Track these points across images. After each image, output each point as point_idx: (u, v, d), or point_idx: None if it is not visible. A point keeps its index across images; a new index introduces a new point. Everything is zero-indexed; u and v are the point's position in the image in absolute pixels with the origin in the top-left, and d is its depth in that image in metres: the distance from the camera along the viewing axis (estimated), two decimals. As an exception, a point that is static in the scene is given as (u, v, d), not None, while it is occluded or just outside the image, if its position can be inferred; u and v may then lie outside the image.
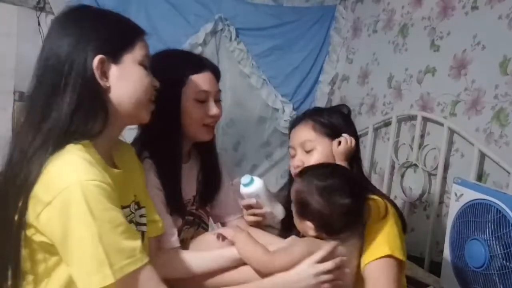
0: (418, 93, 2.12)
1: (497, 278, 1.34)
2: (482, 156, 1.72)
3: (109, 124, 0.91)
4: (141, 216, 1.06)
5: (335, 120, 1.23)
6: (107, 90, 0.90)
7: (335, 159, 1.19)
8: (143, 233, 1.04)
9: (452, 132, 1.88)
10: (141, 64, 0.94)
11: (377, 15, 2.50)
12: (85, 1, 2.26)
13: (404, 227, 1.16)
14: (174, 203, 1.20)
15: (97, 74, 0.88)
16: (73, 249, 0.79)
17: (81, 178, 0.79)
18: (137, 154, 1.15)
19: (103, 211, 0.80)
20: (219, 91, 1.25)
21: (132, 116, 0.96)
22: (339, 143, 1.20)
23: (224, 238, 1.14)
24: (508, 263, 1.31)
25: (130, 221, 0.98)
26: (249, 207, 1.25)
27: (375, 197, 1.14)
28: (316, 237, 1.06)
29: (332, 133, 1.21)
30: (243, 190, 1.22)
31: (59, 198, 0.78)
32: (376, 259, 1.04)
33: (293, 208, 1.09)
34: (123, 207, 0.96)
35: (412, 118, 2.13)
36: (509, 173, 1.58)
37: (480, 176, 1.73)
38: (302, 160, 1.21)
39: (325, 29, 2.81)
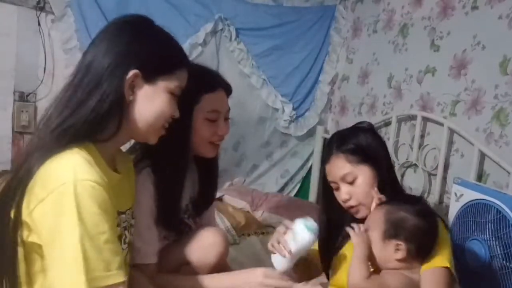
0: (418, 93, 2.12)
1: (497, 278, 1.34)
2: (482, 156, 1.72)
3: (119, 134, 0.92)
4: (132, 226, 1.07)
5: (363, 142, 1.22)
6: (129, 103, 0.92)
7: (377, 181, 1.19)
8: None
9: (452, 132, 1.88)
10: (171, 93, 0.96)
11: (377, 15, 2.50)
12: (83, 1, 2.27)
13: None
14: (169, 215, 1.20)
15: (126, 85, 0.89)
16: (56, 247, 0.78)
17: (77, 177, 0.79)
18: (137, 160, 1.16)
19: (92, 214, 0.79)
20: (229, 109, 1.26)
21: (141, 135, 0.97)
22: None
23: None
24: (508, 263, 1.31)
25: (125, 228, 0.98)
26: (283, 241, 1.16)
27: None
28: (401, 260, 1.06)
29: (366, 157, 1.20)
30: (305, 231, 1.11)
31: (53, 195, 0.78)
32: (432, 267, 1.07)
33: (377, 233, 1.07)
34: (120, 213, 0.96)
35: (412, 118, 2.13)
36: (509, 173, 1.58)
37: (480, 176, 1.73)
38: (349, 192, 1.20)
39: (325, 29, 2.81)
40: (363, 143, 1.22)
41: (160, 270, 1.19)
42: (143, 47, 0.92)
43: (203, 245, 1.20)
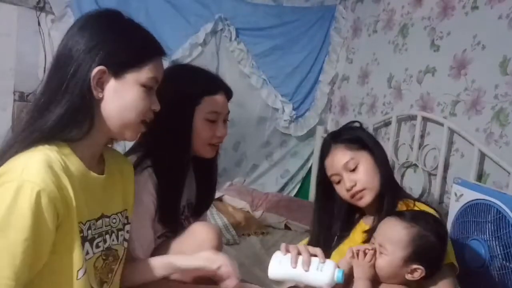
0: (418, 93, 2.12)
1: (497, 278, 1.34)
2: (482, 156, 1.72)
3: (94, 132, 0.90)
4: (128, 231, 1.05)
5: (358, 133, 1.27)
6: (99, 101, 0.90)
7: (379, 167, 1.21)
8: (125, 249, 1.04)
9: (452, 132, 1.88)
10: (144, 85, 0.92)
11: (377, 15, 2.50)
12: (83, 1, 2.27)
13: None
14: (169, 214, 1.21)
15: (92, 82, 0.87)
16: None
17: (23, 177, 0.78)
18: (138, 160, 1.16)
19: (20, 217, 0.76)
20: (229, 112, 1.28)
21: (116, 132, 0.94)
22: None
23: None
24: (508, 263, 1.31)
25: (107, 232, 0.97)
26: None
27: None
28: (418, 281, 1.05)
29: (364, 145, 1.23)
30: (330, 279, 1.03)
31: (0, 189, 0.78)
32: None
33: (398, 252, 1.03)
34: (104, 216, 0.95)
35: (412, 118, 2.13)
36: (509, 173, 1.58)
37: (480, 176, 1.73)
38: (353, 179, 1.20)
39: (325, 29, 2.81)
40: (359, 134, 1.27)
41: None
42: (106, 41, 0.89)
43: (197, 241, 1.20)
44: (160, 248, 1.22)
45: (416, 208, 1.17)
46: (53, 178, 0.80)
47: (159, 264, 1.09)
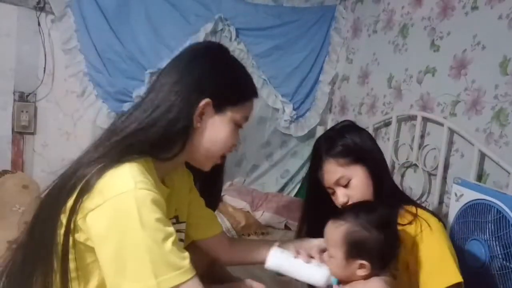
0: (418, 93, 2.12)
1: (497, 278, 1.34)
2: (482, 156, 1.72)
3: (179, 157, 0.94)
4: (178, 231, 1.06)
5: (349, 142, 1.19)
6: (195, 130, 0.94)
7: (373, 179, 1.17)
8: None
9: (452, 132, 1.88)
10: (237, 123, 0.98)
11: (377, 15, 2.50)
12: (83, 1, 2.27)
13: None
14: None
15: (196, 112, 0.92)
16: (116, 254, 0.78)
17: (137, 186, 0.80)
18: None
19: (155, 221, 0.79)
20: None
21: (199, 160, 1.00)
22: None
23: None
24: (508, 263, 1.31)
25: None
26: None
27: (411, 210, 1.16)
28: (367, 276, 1.03)
29: (356, 156, 1.17)
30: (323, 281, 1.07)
31: (111, 202, 0.78)
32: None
33: (338, 252, 1.03)
34: None
35: (412, 118, 2.13)
36: (509, 173, 1.58)
37: (480, 176, 1.73)
38: (346, 195, 1.17)
39: (325, 29, 2.81)
40: (350, 143, 1.19)
41: None
42: (217, 76, 0.95)
43: (196, 244, 1.20)
44: None
45: (421, 216, 1.13)
46: (151, 183, 0.83)
47: None
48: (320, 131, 2.81)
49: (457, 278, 1.04)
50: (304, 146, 2.95)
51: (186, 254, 0.82)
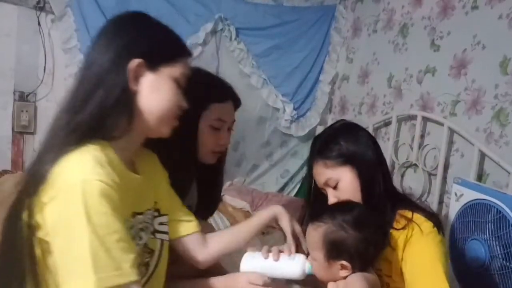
0: (418, 93, 2.12)
1: (497, 278, 1.35)
2: (482, 156, 1.72)
3: (131, 130, 0.91)
4: (161, 223, 1.04)
5: (340, 144, 1.17)
6: (136, 95, 0.91)
7: (361, 182, 1.14)
8: (162, 241, 1.03)
9: (452, 132, 1.88)
10: (176, 81, 0.95)
11: (377, 15, 2.50)
12: (83, 1, 2.27)
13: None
14: None
15: (130, 75, 0.88)
16: (62, 248, 0.77)
17: (86, 177, 0.78)
18: None
19: (101, 214, 0.77)
20: (234, 121, 1.28)
21: (153, 128, 0.95)
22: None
23: None
24: (508, 263, 1.31)
25: (142, 229, 0.96)
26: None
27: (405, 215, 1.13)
28: (348, 276, 1.02)
29: (345, 159, 1.15)
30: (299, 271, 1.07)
31: (61, 195, 0.77)
32: None
33: (319, 254, 1.03)
34: (137, 213, 0.95)
35: (412, 118, 2.13)
36: (509, 173, 1.58)
37: (480, 176, 1.73)
38: (335, 196, 1.17)
39: (325, 29, 2.81)
40: (342, 145, 1.17)
41: None
42: (143, 37, 0.93)
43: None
44: None
45: (415, 221, 1.11)
46: (106, 173, 0.81)
47: None
48: (320, 131, 2.81)
49: (443, 285, 1.02)
50: (304, 146, 2.95)
51: (131, 256, 0.79)
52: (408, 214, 1.13)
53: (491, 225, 1.38)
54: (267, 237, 2.26)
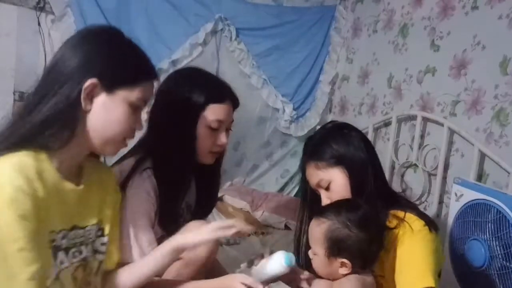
0: (418, 93, 2.12)
1: (497, 278, 1.34)
2: (482, 156, 1.72)
3: (73, 144, 0.90)
4: (102, 244, 1.03)
5: (331, 145, 1.17)
6: (85, 113, 0.90)
7: (351, 182, 1.15)
8: (100, 262, 1.02)
9: (452, 132, 1.88)
10: (132, 105, 0.93)
11: (377, 15, 2.50)
12: (83, 1, 2.27)
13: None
14: (168, 218, 1.20)
15: (83, 93, 0.87)
16: None
17: (1, 181, 0.78)
18: (137, 162, 1.15)
19: (5, 220, 0.77)
20: (232, 121, 1.27)
21: (97, 146, 0.95)
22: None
23: None
24: (508, 263, 1.31)
25: (81, 243, 0.96)
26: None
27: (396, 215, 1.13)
28: (347, 274, 1.03)
29: (335, 160, 1.16)
30: (282, 265, 1.08)
31: None
32: None
33: (320, 250, 1.04)
34: (76, 227, 0.94)
35: (412, 118, 2.13)
36: (509, 173, 1.58)
37: (480, 176, 1.73)
38: (328, 197, 1.17)
39: (325, 29, 2.81)
40: (333, 147, 1.17)
41: None
42: (103, 56, 0.90)
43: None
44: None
45: (406, 220, 1.11)
46: (24, 181, 0.80)
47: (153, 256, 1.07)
48: (319, 131, 2.81)
49: (427, 280, 1.02)
50: (304, 146, 2.95)
51: (32, 268, 0.78)
52: (401, 214, 1.14)
53: (491, 225, 1.38)
54: (267, 237, 2.26)
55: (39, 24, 2.24)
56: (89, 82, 0.87)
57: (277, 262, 1.06)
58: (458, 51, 1.90)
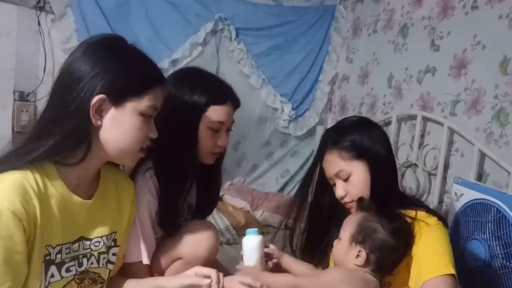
0: (418, 93, 2.12)
1: (497, 278, 1.35)
2: (482, 156, 1.72)
3: (91, 158, 0.91)
4: (114, 254, 1.05)
5: (357, 137, 1.17)
6: (97, 128, 0.90)
7: (372, 179, 1.15)
8: (109, 271, 1.04)
9: (452, 132, 1.88)
10: (143, 114, 0.93)
11: (377, 15, 2.50)
12: (83, 1, 2.27)
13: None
14: (169, 219, 1.21)
15: (91, 110, 0.88)
16: None
17: None
18: (140, 161, 1.15)
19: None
20: (233, 122, 1.28)
21: (115, 158, 0.96)
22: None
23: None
24: (508, 263, 1.31)
25: (84, 256, 0.97)
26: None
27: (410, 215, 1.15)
28: (359, 266, 1.05)
29: (360, 153, 1.16)
30: (247, 241, 1.19)
31: None
32: (437, 276, 1.04)
33: (346, 233, 1.07)
34: (83, 238, 0.96)
35: (412, 118, 2.14)
36: (509, 173, 1.58)
37: (480, 176, 1.73)
38: (345, 189, 1.18)
39: (325, 29, 2.81)
40: (357, 138, 1.17)
41: (152, 267, 1.19)
42: (107, 70, 0.89)
43: (193, 239, 1.21)
44: (157, 248, 1.22)
45: (419, 218, 1.12)
46: (20, 198, 0.81)
47: (144, 286, 1.10)
48: (320, 131, 2.81)
49: (449, 269, 1.04)
50: (304, 146, 2.95)
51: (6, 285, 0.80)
52: (411, 213, 1.14)
53: (491, 225, 1.38)
54: (267, 237, 2.26)
55: (39, 23, 2.24)
56: (96, 98, 0.88)
57: (245, 240, 1.17)
58: (458, 51, 1.90)
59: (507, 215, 1.33)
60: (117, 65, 0.91)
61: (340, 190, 1.18)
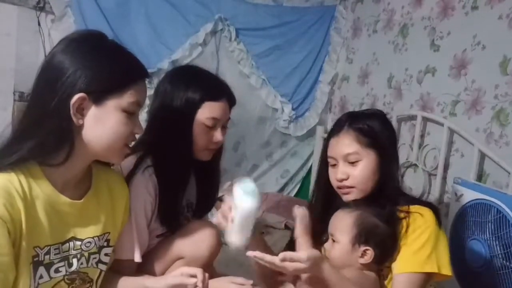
0: (418, 93, 2.12)
1: (497, 278, 1.35)
2: (482, 156, 1.72)
3: (73, 158, 0.90)
4: (106, 254, 1.04)
5: (376, 127, 1.16)
6: (79, 127, 0.89)
7: (380, 172, 1.14)
8: (101, 271, 1.03)
9: (452, 132, 1.88)
10: (125, 111, 0.91)
11: (377, 15, 2.50)
12: (83, 1, 2.27)
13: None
14: (169, 216, 1.21)
15: (72, 110, 0.86)
16: None
17: None
18: (139, 158, 1.16)
19: None
20: (229, 119, 1.27)
21: (100, 156, 0.95)
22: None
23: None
24: (508, 263, 1.31)
25: (74, 256, 0.97)
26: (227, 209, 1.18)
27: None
28: (366, 265, 1.06)
29: (376, 143, 1.14)
30: (243, 197, 1.12)
31: None
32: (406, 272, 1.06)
33: (345, 237, 1.06)
34: (74, 239, 0.95)
35: (412, 118, 2.13)
36: (509, 173, 1.58)
37: (480, 176, 1.73)
38: (346, 172, 1.15)
39: (325, 29, 2.81)
40: (376, 127, 1.15)
41: (153, 267, 1.19)
42: (86, 68, 0.87)
43: (195, 239, 1.21)
44: (158, 248, 1.22)
45: (412, 210, 1.13)
46: (4, 201, 0.81)
47: (131, 286, 1.10)
48: (320, 131, 2.82)
49: (421, 268, 1.05)
50: (304, 146, 2.95)
51: None
52: (405, 208, 1.15)
53: (491, 225, 1.38)
54: (267, 237, 2.26)
55: (39, 24, 2.24)
56: (76, 97, 0.86)
57: (238, 199, 1.09)
58: (458, 51, 1.90)
59: (507, 215, 1.33)
60: (96, 62, 0.89)
61: (340, 173, 1.15)
